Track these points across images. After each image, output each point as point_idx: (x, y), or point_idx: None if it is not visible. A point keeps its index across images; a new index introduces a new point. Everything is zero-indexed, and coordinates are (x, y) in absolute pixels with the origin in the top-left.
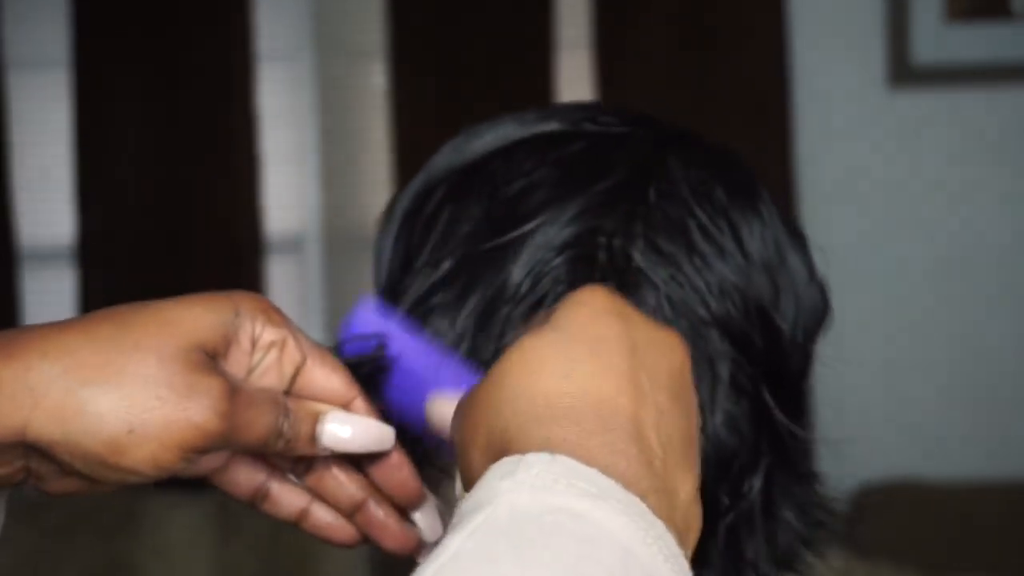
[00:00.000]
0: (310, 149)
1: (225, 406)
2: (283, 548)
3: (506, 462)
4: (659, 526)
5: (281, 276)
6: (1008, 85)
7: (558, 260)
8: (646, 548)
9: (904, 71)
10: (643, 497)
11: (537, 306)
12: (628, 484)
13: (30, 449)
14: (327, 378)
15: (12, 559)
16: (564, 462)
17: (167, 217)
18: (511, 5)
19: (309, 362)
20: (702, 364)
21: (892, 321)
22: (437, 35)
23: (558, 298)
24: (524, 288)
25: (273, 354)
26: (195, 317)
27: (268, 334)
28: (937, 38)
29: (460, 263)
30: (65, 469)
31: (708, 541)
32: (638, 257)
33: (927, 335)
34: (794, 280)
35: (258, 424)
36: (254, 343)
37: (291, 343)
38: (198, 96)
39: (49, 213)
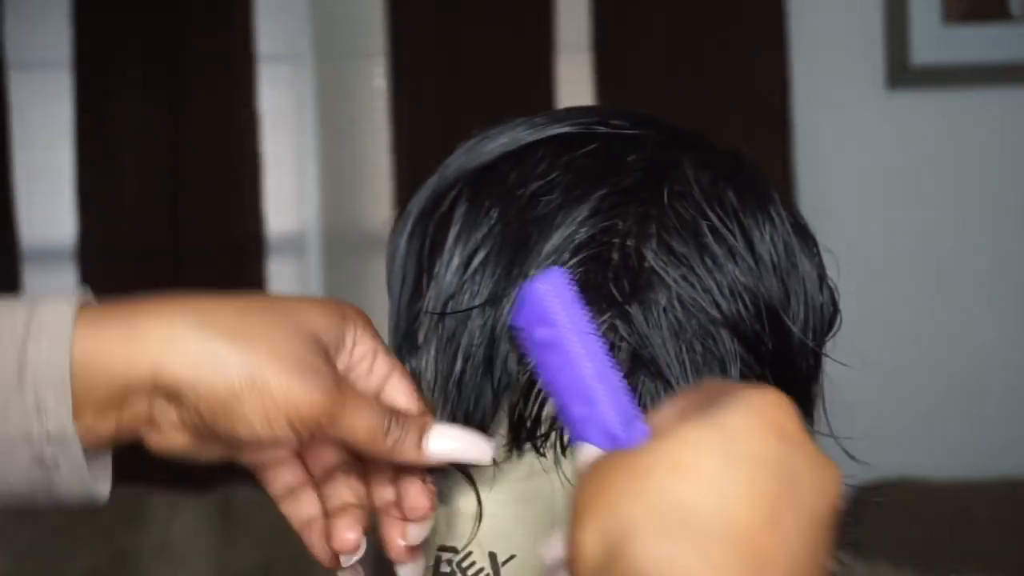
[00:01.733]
0: (310, 149)
1: (334, 390)
2: (284, 546)
3: None
4: None
5: (281, 276)
6: (1007, 86)
7: (573, 260)
8: None
9: (903, 72)
10: None
11: None
12: None
13: (158, 393)
14: (406, 396)
15: (12, 558)
16: None
17: (168, 217)
18: (511, 7)
19: (394, 377)
20: (713, 364)
21: (891, 321)
22: (437, 36)
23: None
24: None
25: (365, 364)
26: (313, 315)
27: (363, 344)
28: (936, 39)
29: (483, 266)
30: (186, 415)
31: None
32: (651, 257)
33: (927, 335)
34: (804, 282)
35: (361, 418)
36: (352, 349)
37: (381, 356)
38: (199, 97)
39: (50, 213)
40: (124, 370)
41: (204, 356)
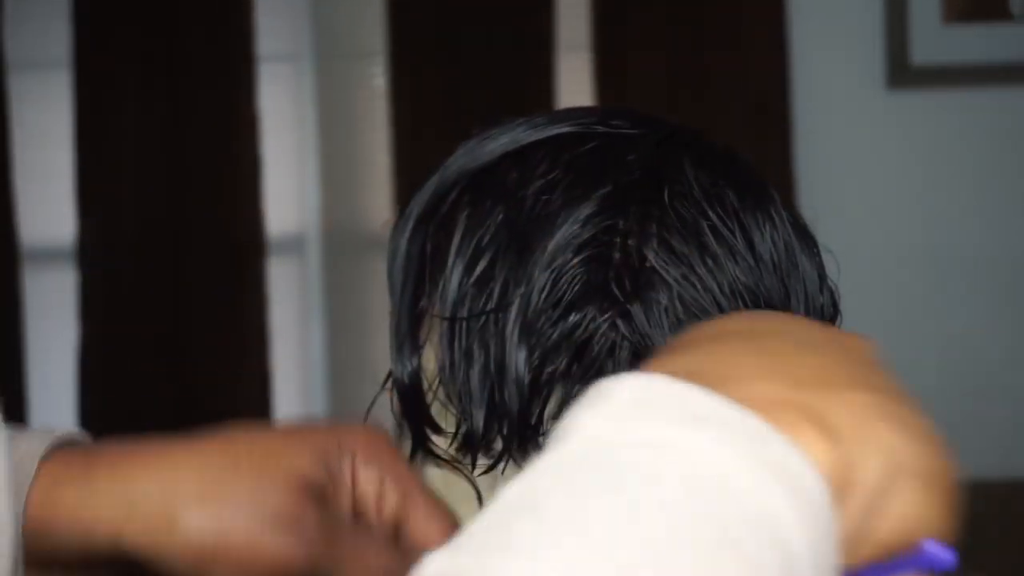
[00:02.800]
0: (310, 150)
1: (316, 541)
2: None
3: (599, 389)
4: (779, 448)
5: (281, 276)
6: (1006, 86)
7: (575, 260)
8: (748, 474)
9: (903, 72)
10: (769, 410)
11: (556, 304)
12: (750, 401)
13: (122, 558)
14: (427, 525)
15: None
16: (660, 384)
17: (168, 217)
18: (511, 6)
19: (410, 506)
20: None
21: (891, 320)
22: (437, 35)
23: (575, 298)
24: (546, 290)
25: (373, 497)
26: (298, 452)
27: (367, 473)
28: (935, 39)
29: (489, 267)
30: (156, 572)
31: None
32: (652, 257)
33: (926, 334)
34: (805, 282)
35: (361, 566)
36: (355, 484)
37: (390, 483)
38: (199, 97)
39: (50, 213)
40: (82, 538)
41: (164, 524)
